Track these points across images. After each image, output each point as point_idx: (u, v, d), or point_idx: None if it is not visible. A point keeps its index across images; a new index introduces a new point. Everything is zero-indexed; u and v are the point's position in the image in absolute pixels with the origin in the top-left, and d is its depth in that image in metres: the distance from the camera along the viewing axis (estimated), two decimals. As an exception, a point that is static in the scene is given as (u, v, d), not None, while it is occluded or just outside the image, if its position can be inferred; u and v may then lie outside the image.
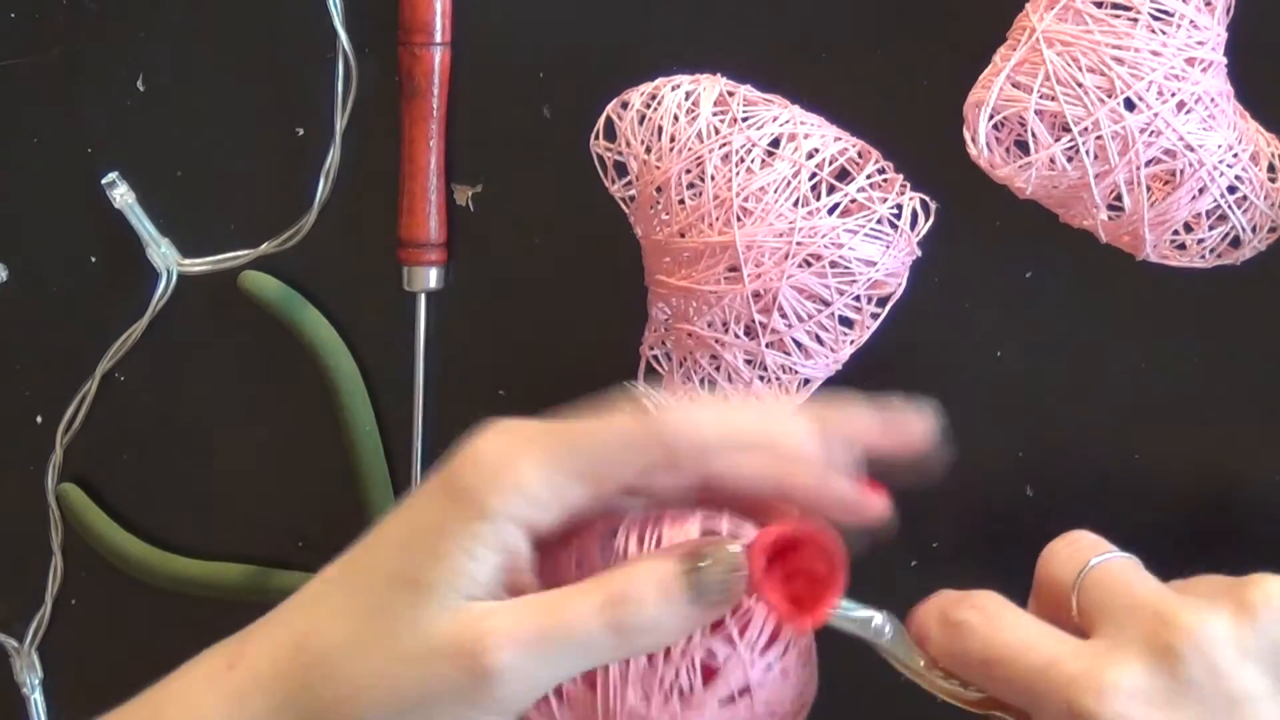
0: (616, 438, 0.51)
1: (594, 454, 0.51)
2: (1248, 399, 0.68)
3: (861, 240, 0.62)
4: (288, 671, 0.50)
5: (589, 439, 0.51)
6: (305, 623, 0.51)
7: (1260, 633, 0.50)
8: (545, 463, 0.50)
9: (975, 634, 0.53)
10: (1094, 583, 0.54)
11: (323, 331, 0.73)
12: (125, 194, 0.74)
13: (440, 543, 0.49)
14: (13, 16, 0.74)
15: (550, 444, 0.51)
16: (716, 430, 0.51)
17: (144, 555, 0.75)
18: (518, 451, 0.51)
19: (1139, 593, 0.53)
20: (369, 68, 0.72)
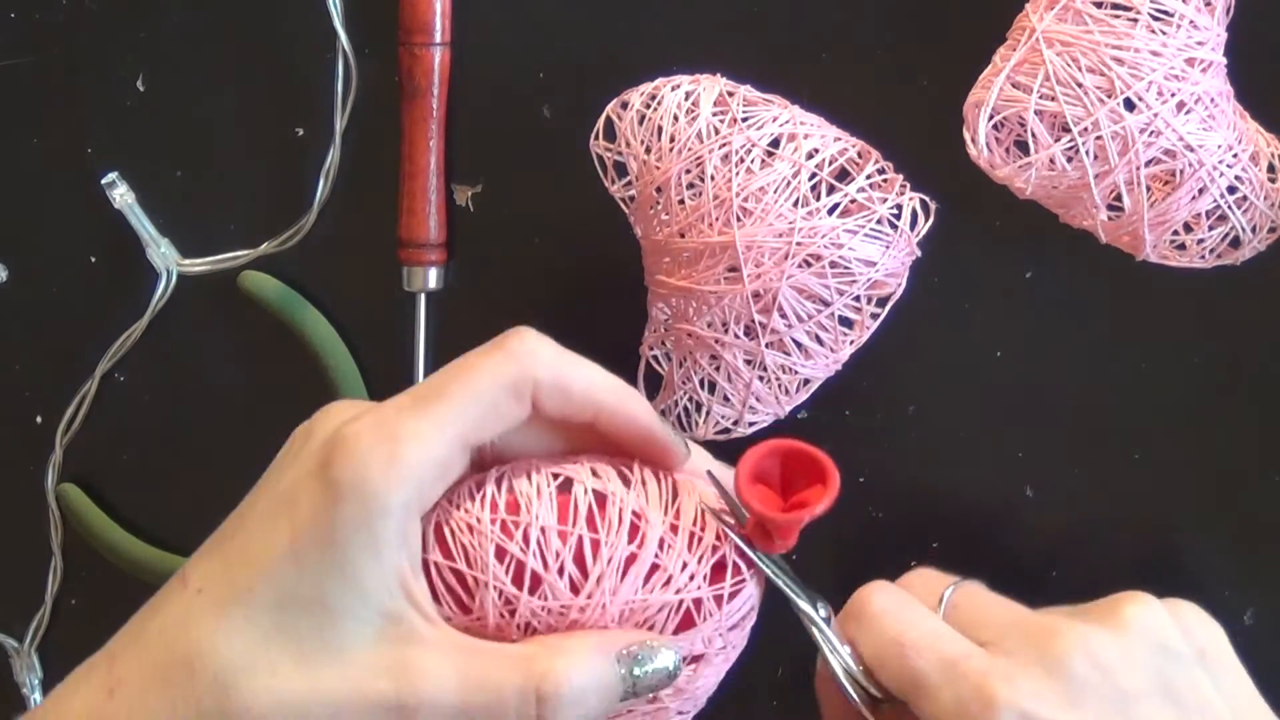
0: (489, 383, 0.49)
1: (470, 406, 0.49)
2: (1248, 399, 0.68)
3: (861, 240, 0.62)
4: (178, 696, 0.47)
5: (462, 389, 0.49)
6: (186, 643, 0.47)
7: (1134, 643, 0.51)
8: (428, 436, 0.48)
9: (891, 618, 0.54)
10: (958, 605, 0.55)
11: (323, 331, 0.73)
12: (125, 194, 0.74)
13: (340, 553, 0.46)
14: (13, 16, 0.74)
15: (425, 407, 0.49)
16: (582, 383, 0.51)
17: (144, 555, 0.75)
18: (395, 431, 0.48)
19: (1013, 611, 0.54)
20: (369, 68, 0.72)
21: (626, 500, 0.50)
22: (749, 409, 0.65)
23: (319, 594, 0.46)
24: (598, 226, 0.69)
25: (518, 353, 0.50)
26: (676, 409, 0.66)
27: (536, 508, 0.49)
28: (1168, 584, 0.68)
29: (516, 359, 0.50)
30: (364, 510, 0.46)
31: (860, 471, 0.70)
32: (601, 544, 0.49)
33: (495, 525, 0.49)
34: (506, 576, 0.49)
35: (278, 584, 0.47)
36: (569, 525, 0.49)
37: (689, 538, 0.51)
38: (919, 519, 0.70)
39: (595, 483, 0.50)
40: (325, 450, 0.48)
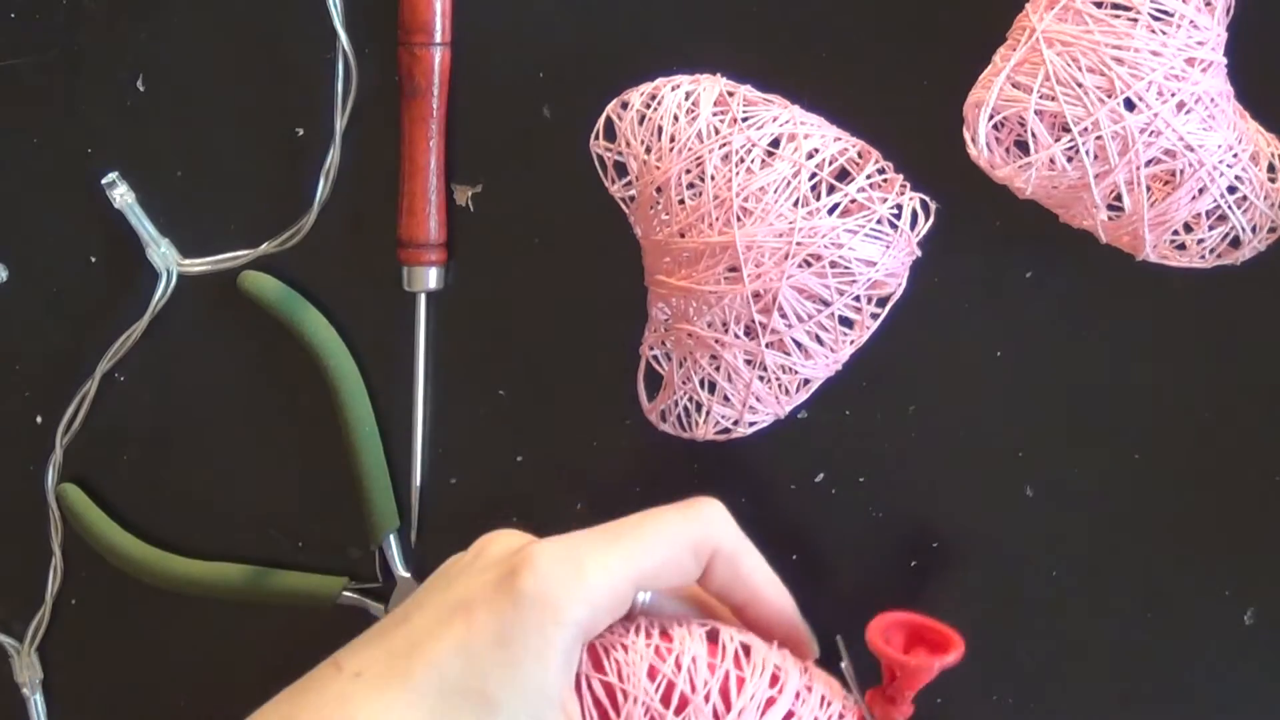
0: (672, 535, 0.53)
1: (652, 553, 0.52)
2: (1248, 399, 0.68)
3: (861, 240, 0.62)
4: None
5: (649, 534, 0.53)
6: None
7: None
8: (613, 568, 0.51)
9: None
10: None
11: (323, 331, 0.73)
12: (125, 194, 0.74)
13: (508, 652, 0.48)
14: (13, 16, 0.74)
15: (612, 542, 0.52)
16: (752, 560, 0.55)
17: (144, 555, 0.75)
18: (582, 556, 0.51)
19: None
20: (369, 68, 0.72)
21: (769, 655, 0.55)
22: (749, 409, 0.65)
23: (482, 688, 0.48)
24: (598, 226, 0.69)
25: (707, 518, 0.54)
26: (676, 409, 0.66)
27: (689, 642, 0.53)
28: (1168, 584, 0.69)
29: (705, 523, 0.54)
30: (543, 619, 0.49)
31: (860, 471, 0.70)
32: (746, 681, 0.53)
33: (650, 648, 0.53)
34: (656, 694, 0.52)
35: (442, 674, 0.48)
36: (718, 659, 0.53)
37: (821, 698, 0.55)
38: (919, 519, 0.70)
39: (741, 636, 0.55)
40: (512, 562, 0.51)
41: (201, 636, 0.76)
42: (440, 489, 0.73)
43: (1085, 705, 0.69)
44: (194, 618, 0.76)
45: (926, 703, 0.71)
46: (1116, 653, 0.69)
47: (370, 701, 0.48)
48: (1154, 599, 0.69)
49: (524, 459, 0.73)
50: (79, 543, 0.76)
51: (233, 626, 0.76)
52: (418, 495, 0.73)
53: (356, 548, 0.74)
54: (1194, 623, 0.69)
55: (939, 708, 0.71)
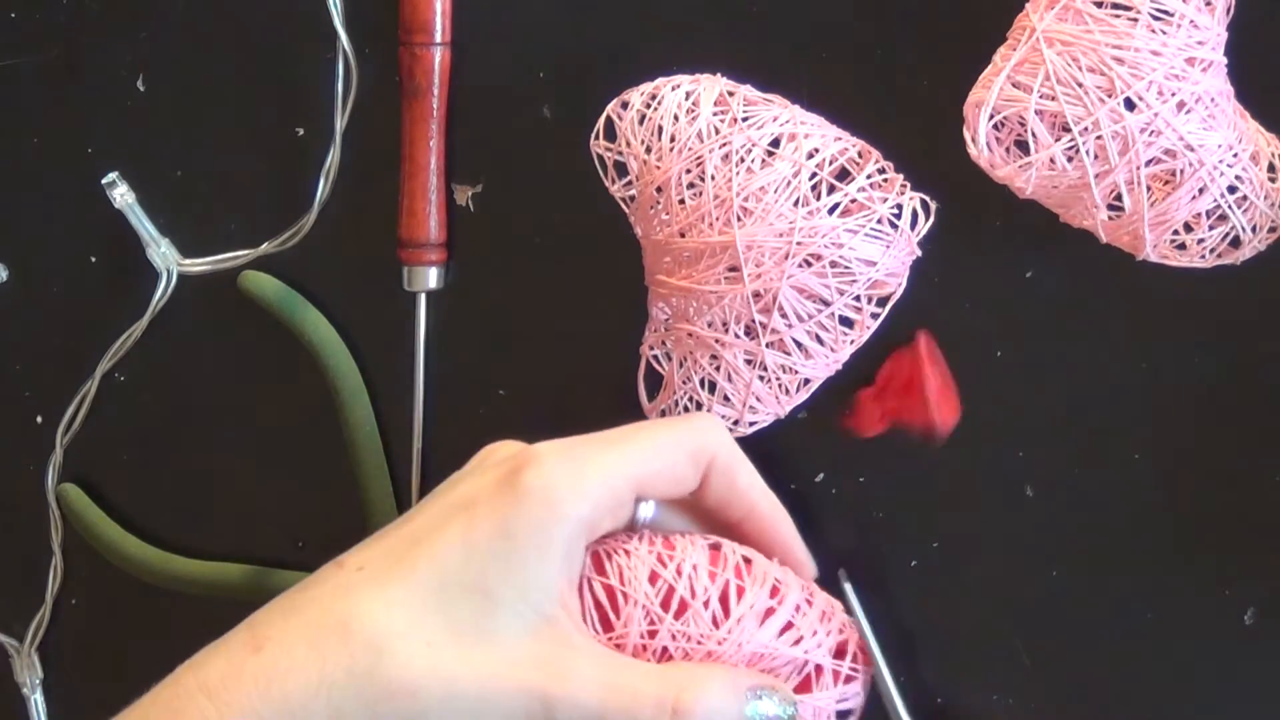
0: (673, 441, 0.54)
1: (652, 458, 0.53)
2: (1248, 399, 0.68)
3: (861, 240, 0.62)
4: (329, 654, 0.48)
5: (649, 439, 0.53)
6: (343, 608, 0.49)
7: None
8: (612, 468, 0.52)
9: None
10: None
11: (323, 331, 0.73)
12: (125, 194, 0.74)
13: (509, 545, 0.49)
14: (13, 16, 0.74)
15: (612, 446, 0.52)
16: (748, 471, 0.56)
17: (144, 555, 0.75)
18: (583, 456, 0.51)
19: None
20: (369, 68, 0.72)
21: (770, 568, 0.56)
22: (749, 409, 0.65)
23: (483, 581, 0.49)
24: (598, 226, 0.69)
25: (702, 429, 0.55)
26: (676, 409, 0.66)
27: (690, 550, 0.54)
28: (1168, 584, 0.69)
29: (701, 433, 0.54)
30: (544, 513, 0.49)
31: (860, 472, 0.70)
32: (746, 590, 0.54)
33: (651, 554, 0.54)
34: (656, 598, 0.53)
35: (443, 567, 0.49)
36: (719, 569, 0.54)
37: (821, 613, 0.56)
38: (919, 519, 0.70)
39: (743, 550, 0.56)
40: (514, 462, 0.51)
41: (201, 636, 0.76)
42: (440, 489, 0.73)
43: (1086, 705, 0.69)
44: (194, 618, 0.76)
45: (926, 702, 0.71)
46: (1117, 652, 0.69)
47: (371, 594, 0.49)
48: (1154, 599, 0.69)
49: (524, 459, 0.73)
50: (79, 543, 0.76)
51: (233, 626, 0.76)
52: (418, 495, 0.73)
53: (356, 548, 0.74)
54: (1194, 623, 0.68)
55: (939, 708, 0.71)
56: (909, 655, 0.71)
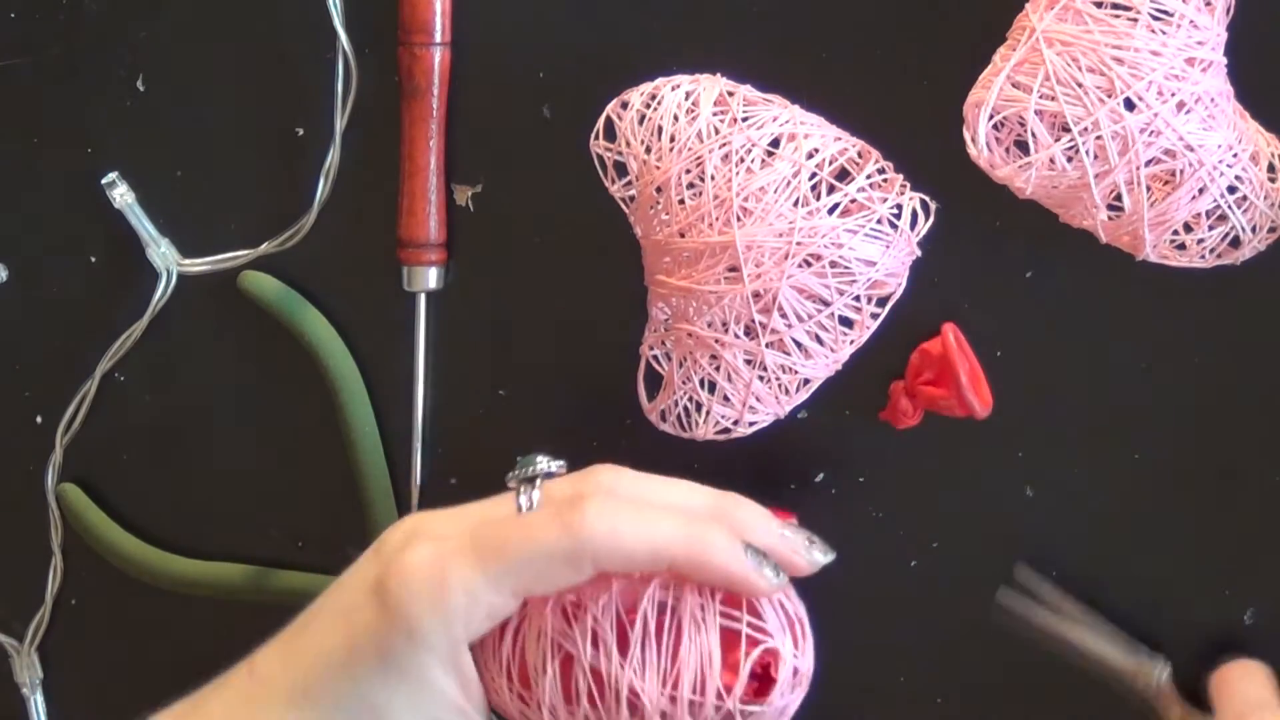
0: (544, 555, 0.52)
1: (523, 571, 0.52)
2: (1248, 399, 0.68)
3: (861, 240, 0.62)
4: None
5: (517, 555, 0.52)
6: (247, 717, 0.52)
7: None
8: (477, 591, 0.52)
9: None
10: None
11: (323, 331, 0.73)
12: (125, 194, 0.74)
13: (390, 669, 0.51)
14: (13, 16, 0.74)
15: (480, 559, 0.52)
16: (645, 549, 0.53)
17: (144, 555, 0.75)
18: (447, 577, 0.52)
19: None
20: (369, 68, 0.72)
21: (622, 679, 0.54)
22: (749, 409, 0.65)
23: (373, 702, 0.51)
24: (598, 226, 0.69)
25: (575, 528, 0.53)
26: (676, 409, 0.66)
27: (545, 685, 0.54)
28: (1168, 584, 0.69)
29: (574, 534, 0.53)
30: (411, 643, 0.51)
31: (860, 472, 0.70)
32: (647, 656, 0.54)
33: (514, 695, 0.54)
34: (558, 681, 0.54)
35: (335, 690, 0.52)
36: (574, 704, 0.54)
37: (689, 706, 0.54)
38: (919, 519, 0.70)
39: (593, 657, 0.54)
40: (381, 571, 0.53)
41: (201, 636, 0.76)
42: (440, 489, 0.73)
43: (1086, 704, 0.69)
44: (194, 618, 0.76)
45: (927, 702, 0.71)
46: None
47: (275, 708, 0.52)
48: (1154, 599, 0.69)
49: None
50: (79, 543, 0.76)
51: (233, 626, 0.76)
52: (418, 495, 0.73)
53: (356, 548, 0.74)
54: (1194, 623, 0.68)
55: (939, 707, 0.71)
56: (909, 655, 0.71)
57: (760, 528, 0.56)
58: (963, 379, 0.65)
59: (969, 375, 0.65)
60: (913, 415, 0.67)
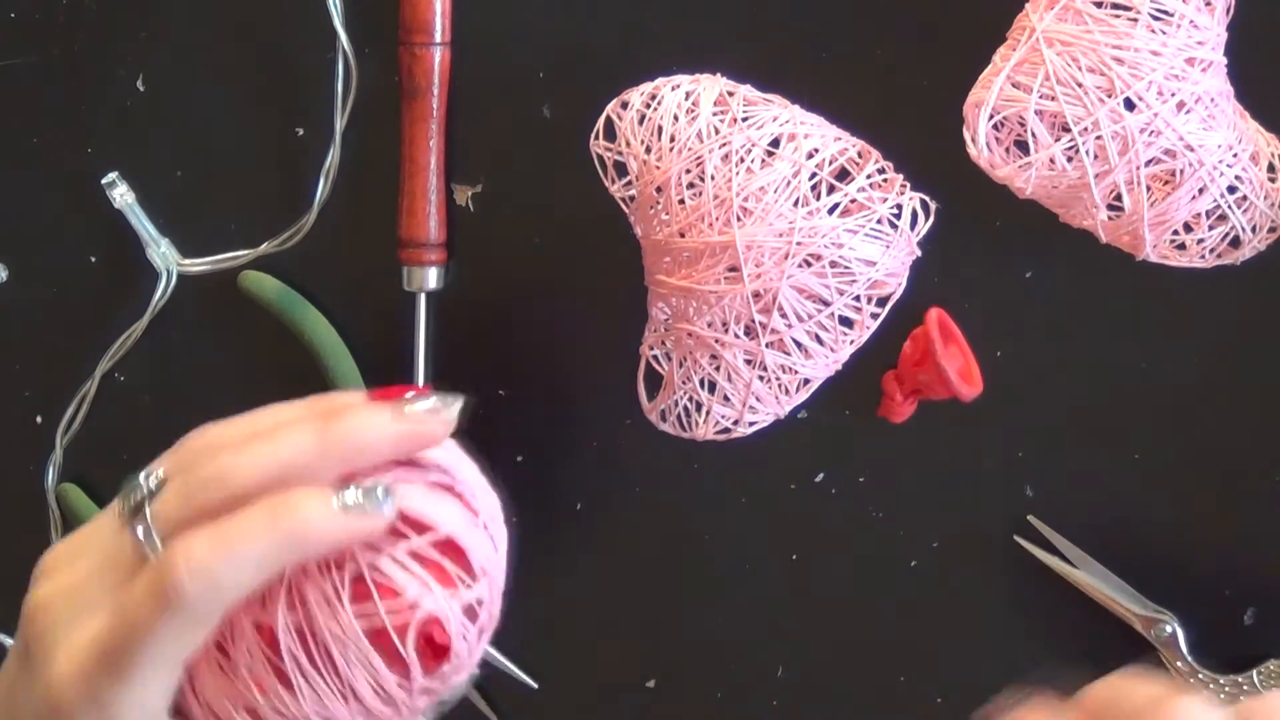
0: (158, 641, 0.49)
1: (149, 664, 0.49)
2: (1248, 399, 0.68)
3: (861, 240, 0.62)
4: None
5: (137, 658, 0.49)
6: None
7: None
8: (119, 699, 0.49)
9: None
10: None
11: (323, 331, 0.73)
12: (125, 194, 0.74)
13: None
14: (13, 16, 0.74)
15: (106, 675, 0.49)
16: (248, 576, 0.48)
17: (144, 555, 0.75)
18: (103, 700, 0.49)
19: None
20: (369, 68, 0.72)
21: (308, 713, 0.50)
22: (749, 409, 0.65)
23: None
24: (598, 226, 0.69)
25: (171, 598, 0.48)
26: (676, 409, 0.66)
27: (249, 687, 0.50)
28: (1168, 584, 0.69)
29: (174, 605, 0.48)
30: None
31: (860, 471, 0.70)
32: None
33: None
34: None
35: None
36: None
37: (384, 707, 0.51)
38: (919, 519, 0.70)
39: (268, 703, 0.50)
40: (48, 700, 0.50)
41: (201, 636, 0.76)
42: (440, 489, 0.73)
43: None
44: (194, 618, 0.76)
45: (927, 702, 0.71)
46: (1117, 653, 0.69)
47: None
48: (1154, 599, 0.69)
49: (524, 459, 0.73)
50: (79, 543, 0.76)
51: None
52: (418, 495, 0.73)
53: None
54: (1194, 623, 0.68)
55: (939, 707, 0.71)
56: (909, 655, 0.71)
57: (366, 433, 0.50)
58: (939, 354, 0.64)
59: (948, 354, 0.65)
60: (904, 403, 0.67)
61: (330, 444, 0.49)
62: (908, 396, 0.67)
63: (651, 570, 0.73)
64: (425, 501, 0.51)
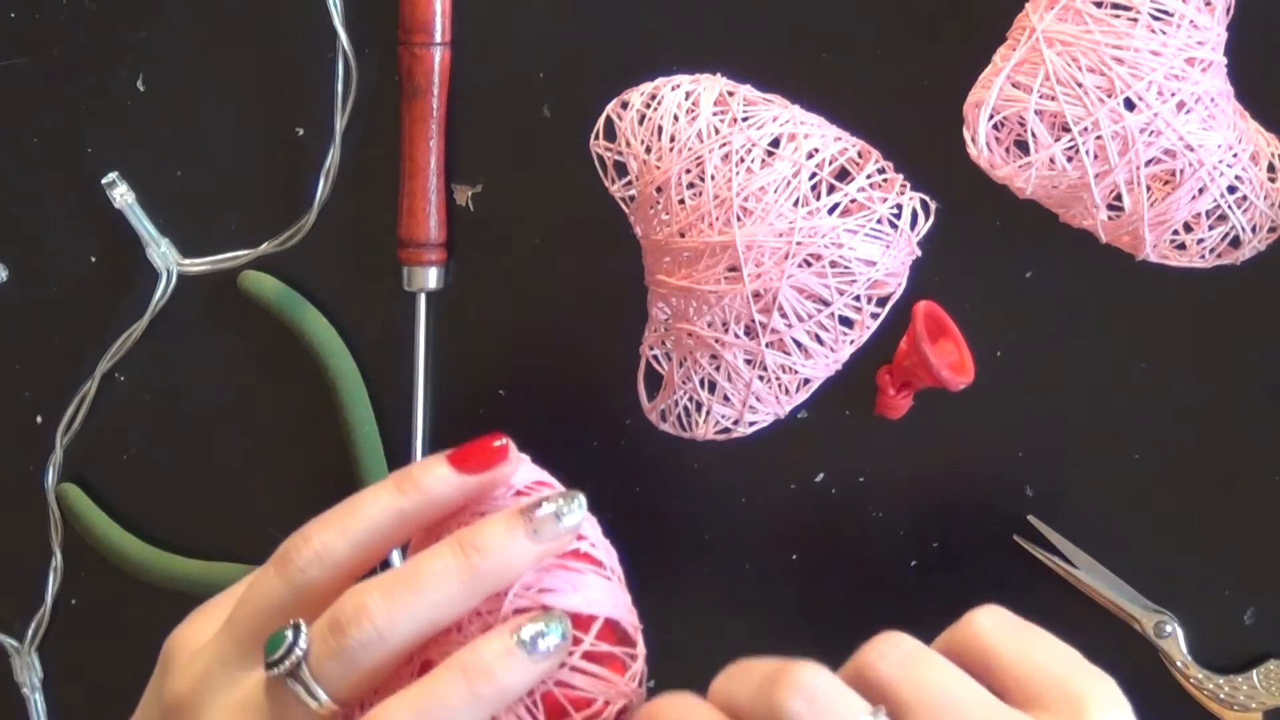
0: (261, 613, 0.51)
1: (251, 628, 0.51)
2: (1248, 398, 0.68)
3: (861, 240, 0.62)
4: None
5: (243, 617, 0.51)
6: None
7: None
8: (221, 655, 0.52)
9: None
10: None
11: (323, 331, 0.73)
12: (125, 194, 0.74)
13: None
14: (13, 16, 0.74)
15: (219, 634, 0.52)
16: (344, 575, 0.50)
17: (144, 555, 0.75)
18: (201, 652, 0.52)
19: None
20: (369, 68, 0.72)
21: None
22: (749, 409, 0.65)
23: None
24: (598, 226, 0.69)
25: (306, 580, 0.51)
26: (676, 409, 0.66)
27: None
28: (1168, 584, 0.69)
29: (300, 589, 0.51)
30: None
31: (860, 471, 0.70)
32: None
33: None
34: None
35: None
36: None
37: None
38: (919, 519, 0.70)
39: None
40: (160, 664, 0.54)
41: (201, 636, 0.76)
42: (440, 489, 0.73)
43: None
44: (194, 618, 0.76)
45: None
46: (1117, 652, 0.69)
47: None
48: (1154, 599, 0.69)
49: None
50: (79, 543, 0.76)
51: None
52: (418, 495, 0.73)
53: (356, 548, 0.74)
54: (1194, 623, 0.68)
55: (939, 708, 0.71)
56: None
57: (511, 565, 0.50)
58: (922, 338, 0.64)
59: (939, 345, 0.65)
60: (897, 397, 0.67)
61: (478, 584, 0.49)
62: (900, 390, 0.67)
63: (651, 570, 0.72)
64: (574, 588, 0.50)
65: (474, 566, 0.49)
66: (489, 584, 0.49)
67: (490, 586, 0.49)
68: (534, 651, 0.48)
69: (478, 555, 0.49)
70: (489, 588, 0.49)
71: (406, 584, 0.49)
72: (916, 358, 0.65)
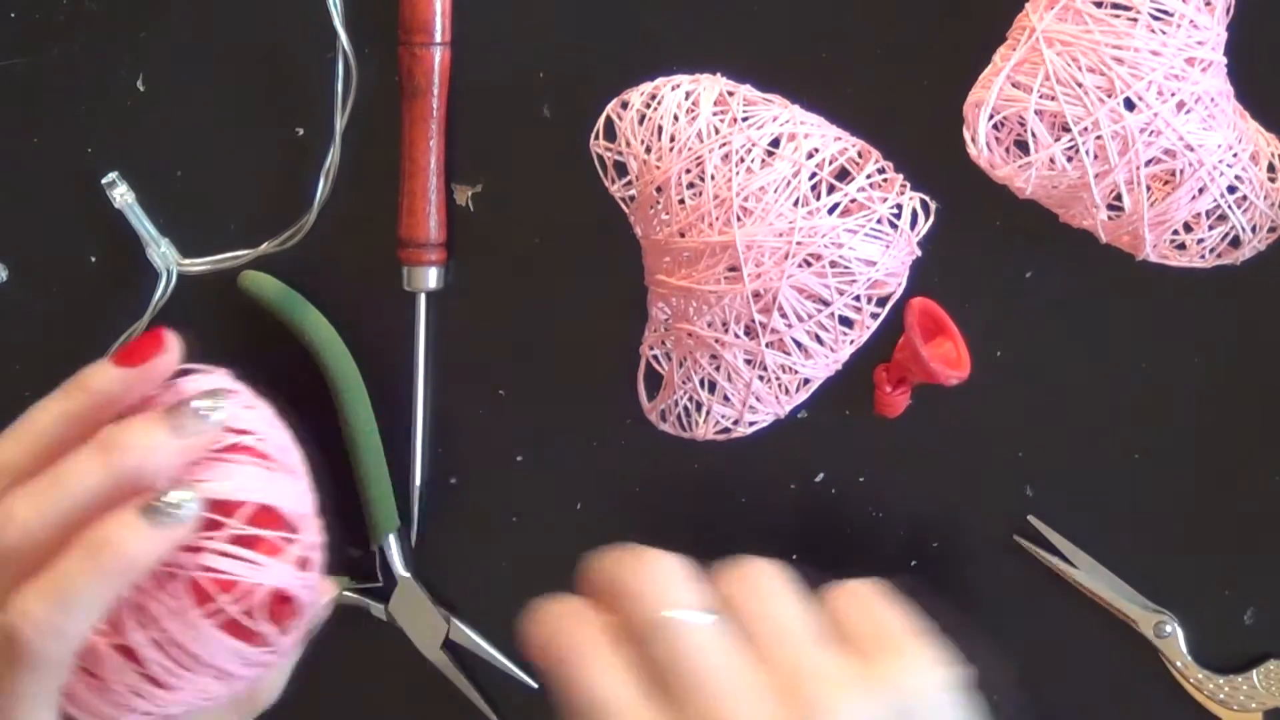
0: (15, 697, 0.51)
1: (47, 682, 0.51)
2: (1248, 399, 0.68)
3: (861, 240, 0.62)
4: None
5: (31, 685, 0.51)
6: None
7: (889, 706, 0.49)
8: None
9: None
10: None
11: (323, 331, 0.73)
12: (125, 194, 0.74)
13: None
14: (12, 16, 0.74)
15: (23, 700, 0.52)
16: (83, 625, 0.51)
17: (144, 555, 0.75)
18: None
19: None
20: (369, 68, 0.72)
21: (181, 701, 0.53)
22: (749, 409, 0.65)
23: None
24: (598, 226, 0.69)
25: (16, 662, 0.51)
26: (676, 409, 0.66)
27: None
28: (1168, 584, 0.69)
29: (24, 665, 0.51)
30: None
31: (860, 471, 0.70)
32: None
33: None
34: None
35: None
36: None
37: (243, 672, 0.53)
38: (919, 519, 0.70)
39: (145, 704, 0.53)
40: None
41: (201, 636, 0.76)
42: (440, 489, 0.73)
43: (1087, 704, 0.69)
44: (194, 618, 0.76)
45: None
46: (1117, 652, 0.69)
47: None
48: (1154, 599, 0.69)
49: (524, 459, 0.73)
50: (79, 543, 0.76)
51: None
52: (418, 495, 0.73)
53: (356, 548, 0.74)
54: (1194, 623, 0.68)
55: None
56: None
57: (151, 458, 0.52)
58: (914, 333, 0.64)
59: (935, 342, 0.65)
60: (894, 394, 0.67)
61: (119, 477, 0.52)
62: (896, 386, 0.67)
63: (651, 570, 0.72)
64: (223, 477, 0.53)
65: (112, 463, 0.52)
66: (129, 478, 0.52)
67: (131, 479, 0.52)
68: (155, 520, 0.51)
69: (118, 451, 0.52)
70: (129, 481, 0.52)
71: (51, 483, 0.52)
72: (910, 352, 0.65)
